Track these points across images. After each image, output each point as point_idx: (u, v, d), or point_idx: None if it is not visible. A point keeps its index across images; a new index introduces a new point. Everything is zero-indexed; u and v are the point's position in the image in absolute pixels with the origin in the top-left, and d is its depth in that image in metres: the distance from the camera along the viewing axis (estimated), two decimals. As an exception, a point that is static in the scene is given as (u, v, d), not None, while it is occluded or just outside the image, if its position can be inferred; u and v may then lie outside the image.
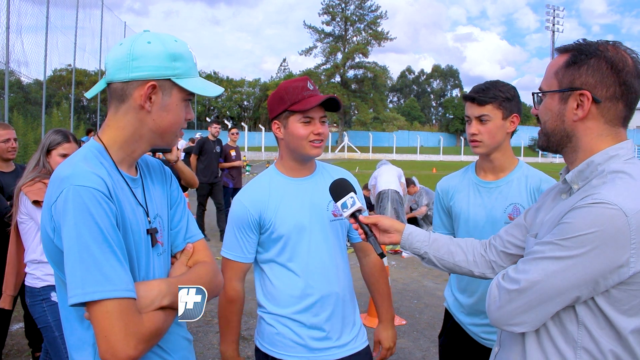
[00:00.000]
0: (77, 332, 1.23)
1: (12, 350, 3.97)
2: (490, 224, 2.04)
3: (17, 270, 2.87)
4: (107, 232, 1.13)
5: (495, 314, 1.23)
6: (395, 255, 7.47)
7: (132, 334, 1.12)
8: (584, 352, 1.16)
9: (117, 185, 1.24)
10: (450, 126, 72.74)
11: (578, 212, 1.11)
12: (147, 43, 1.25)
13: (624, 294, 1.11)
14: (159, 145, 1.34)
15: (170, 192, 1.48)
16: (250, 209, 1.82)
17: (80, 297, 1.10)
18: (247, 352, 3.99)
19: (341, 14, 61.99)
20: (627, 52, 1.21)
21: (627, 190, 1.11)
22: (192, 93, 1.30)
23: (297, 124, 1.77)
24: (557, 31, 61.73)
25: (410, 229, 1.57)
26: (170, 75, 1.25)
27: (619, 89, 1.19)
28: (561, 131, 1.26)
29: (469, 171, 2.23)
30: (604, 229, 1.07)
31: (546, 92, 1.28)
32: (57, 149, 2.78)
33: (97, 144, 1.29)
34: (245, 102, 66.12)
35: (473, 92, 2.03)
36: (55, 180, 1.18)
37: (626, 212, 1.07)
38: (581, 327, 1.17)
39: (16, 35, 13.34)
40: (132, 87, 1.24)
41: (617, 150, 1.21)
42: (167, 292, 1.24)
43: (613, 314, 1.13)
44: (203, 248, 1.47)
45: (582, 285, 1.11)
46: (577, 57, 1.22)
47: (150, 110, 1.26)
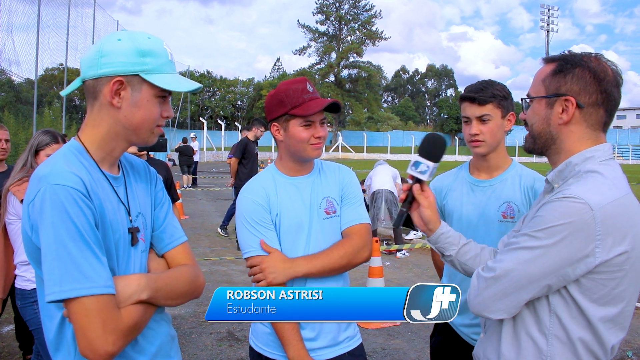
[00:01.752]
0: (56, 329, 1.23)
1: (2, 352, 3.94)
2: (483, 222, 2.05)
3: (5, 272, 2.84)
4: (83, 230, 1.14)
5: (474, 302, 1.33)
6: (390, 256, 7.48)
7: (110, 330, 1.13)
8: (555, 339, 1.27)
9: (97, 184, 1.25)
10: (444, 126, 73.00)
11: (549, 206, 1.24)
12: (117, 40, 1.26)
13: (593, 283, 1.22)
14: (136, 143, 1.34)
15: (155, 192, 1.48)
16: (262, 203, 1.81)
17: (57, 294, 1.11)
18: (240, 354, 3.97)
19: (335, 13, 61.98)
20: (607, 63, 1.33)
21: (596, 187, 1.23)
22: (165, 89, 1.29)
23: (298, 128, 1.76)
24: (551, 31, 62.16)
25: (444, 229, 1.55)
26: (139, 70, 1.25)
27: (600, 96, 1.30)
28: (547, 134, 1.37)
29: (463, 170, 2.23)
30: (571, 221, 1.18)
31: (534, 97, 1.38)
32: (45, 150, 2.76)
33: (76, 143, 1.30)
34: (238, 101, 65.99)
35: (472, 92, 2.02)
36: (34, 179, 1.19)
37: (592, 206, 1.18)
38: (552, 316, 1.27)
39: (7, 34, 13.26)
40: (102, 83, 1.26)
41: (594, 152, 1.31)
42: (145, 286, 1.25)
43: (584, 303, 1.24)
44: (186, 251, 1.47)
45: (552, 274, 1.22)
46: (564, 66, 1.33)
47: (121, 106, 1.27)
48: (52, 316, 1.23)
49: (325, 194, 1.89)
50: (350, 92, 62.21)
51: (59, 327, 1.23)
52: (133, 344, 1.28)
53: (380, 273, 4.89)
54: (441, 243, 1.56)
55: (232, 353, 4.02)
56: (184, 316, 4.78)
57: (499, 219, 2.02)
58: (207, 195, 15.32)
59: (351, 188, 1.94)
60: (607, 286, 1.22)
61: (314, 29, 63.04)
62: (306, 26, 63.04)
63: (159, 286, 1.29)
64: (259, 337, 1.87)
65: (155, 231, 1.45)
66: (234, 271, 6.48)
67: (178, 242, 1.47)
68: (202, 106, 59.18)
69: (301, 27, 63.28)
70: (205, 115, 50.88)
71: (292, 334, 1.74)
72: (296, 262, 1.75)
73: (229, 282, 6.02)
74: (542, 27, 62.65)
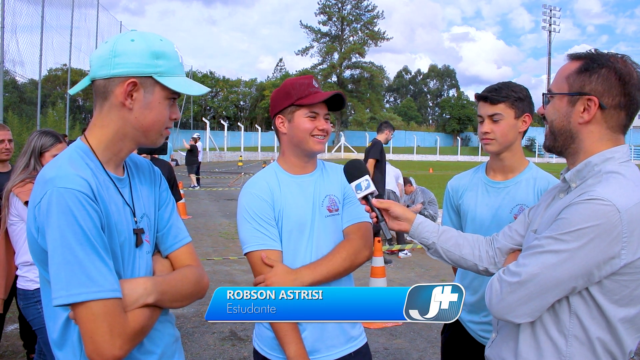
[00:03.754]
0: (61, 330, 1.23)
1: (6, 351, 3.96)
2: (496, 224, 2.05)
3: (6, 273, 2.85)
4: (90, 234, 1.14)
5: (497, 307, 1.30)
6: (392, 256, 7.47)
7: (117, 335, 1.13)
8: (574, 340, 1.26)
9: (102, 186, 1.25)
10: (447, 126, 72.89)
11: (575, 208, 1.21)
12: (130, 41, 1.25)
13: (616, 284, 1.21)
14: (144, 144, 1.34)
15: (160, 192, 1.48)
16: (267, 199, 1.81)
17: (64, 298, 1.11)
18: (243, 353, 3.98)
19: (338, 14, 62.01)
20: (633, 66, 1.31)
21: (620, 189, 1.21)
22: (176, 92, 1.30)
23: (303, 118, 1.79)
24: (553, 31, 62.01)
25: (420, 219, 1.60)
26: (152, 72, 1.25)
27: (623, 99, 1.29)
28: (566, 132, 1.35)
29: (480, 171, 2.25)
30: (599, 224, 1.17)
31: (556, 93, 1.36)
32: (50, 150, 2.77)
33: (83, 144, 1.29)
34: (241, 102, 66.03)
35: (486, 92, 2.07)
36: (40, 181, 1.19)
37: (619, 208, 1.17)
38: (573, 316, 1.26)
39: (11, 34, 13.30)
40: (114, 84, 1.24)
41: (613, 153, 1.30)
42: (152, 289, 1.25)
43: (605, 304, 1.23)
44: (190, 252, 1.47)
45: (578, 276, 1.20)
46: (590, 65, 1.31)
47: (132, 107, 1.26)
48: (56, 317, 1.23)
49: (328, 191, 1.89)
50: (353, 92, 62.17)
51: (63, 328, 1.23)
52: (139, 347, 1.28)
53: (383, 273, 4.90)
54: (421, 233, 1.58)
55: (234, 352, 4.03)
56: (187, 315, 4.80)
57: (511, 221, 2.02)
58: (210, 195, 15.35)
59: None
60: (628, 287, 1.21)
61: (317, 29, 63.13)
62: (309, 27, 63.11)
63: (164, 289, 1.29)
64: (263, 340, 1.86)
65: (160, 232, 1.45)
66: (237, 271, 6.49)
67: (182, 243, 1.46)
68: (204, 106, 59.25)
69: (304, 28, 63.38)
70: (208, 116, 50.92)
71: (291, 333, 1.73)
72: (300, 272, 1.74)
73: (231, 282, 6.03)
74: (544, 28, 62.56)
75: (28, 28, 14.54)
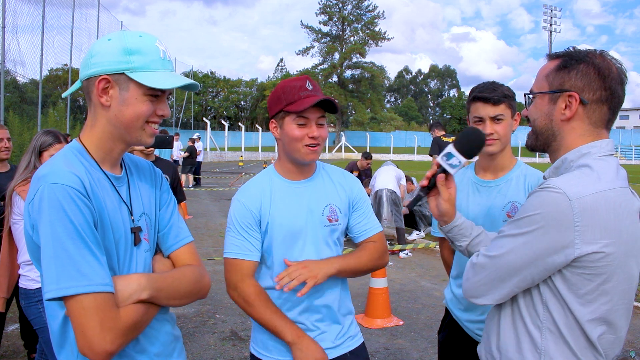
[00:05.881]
0: (59, 328, 1.24)
1: (7, 351, 3.96)
2: (489, 222, 2.05)
3: (9, 272, 2.86)
4: (81, 229, 1.15)
5: (464, 286, 1.38)
6: (393, 256, 7.47)
7: (108, 329, 1.13)
8: (548, 333, 1.28)
9: (97, 184, 1.25)
10: (447, 126, 72.82)
11: (531, 196, 1.26)
12: (107, 40, 1.27)
13: (578, 277, 1.21)
14: (130, 142, 1.33)
15: (160, 193, 1.48)
16: (252, 209, 1.79)
17: (55, 292, 1.12)
18: (244, 353, 3.98)
19: (338, 14, 61.92)
20: (612, 61, 1.31)
21: (578, 179, 1.22)
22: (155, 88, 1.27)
23: (292, 125, 1.72)
24: (554, 31, 62.01)
25: (458, 221, 1.53)
26: (124, 69, 1.25)
27: (604, 93, 1.29)
28: (548, 130, 1.36)
29: (468, 170, 2.24)
30: (548, 210, 1.20)
31: (537, 93, 1.38)
32: (49, 150, 2.78)
33: (77, 144, 1.31)
34: (242, 102, 66.04)
35: (485, 92, 2.04)
36: (34, 179, 1.21)
37: (569, 196, 1.18)
38: (545, 309, 1.28)
39: (12, 34, 13.33)
40: (91, 83, 1.27)
41: (590, 148, 1.30)
42: (146, 285, 1.25)
43: (570, 299, 1.23)
44: (191, 251, 1.47)
45: (532, 263, 1.23)
46: (568, 62, 1.32)
47: (110, 105, 1.27)
48: (55, 315, 1.24)
49: (328, 200, 1.85)
50: (353, 92, 62.18)
51: (62, 326, 1.23)
52: (134, 344, 1.28)
53: (383, 273, 4.90)
54: (454, 234, 1.54)
55: (235, 352, 4.03)
56: (188, 315, 4.80)
57: (503, 218, 2.03)
58: (210, 195, 15.35)
59: (361, 197, 1.94)
60: (592, 282, 1.21)
61: (317, 29, 63.05)
62: (309, 27, 63.04)
63: (160, 286, 1.29)
64: (258, 343, 1.88)
65: (161, 232, 1.45)
66: (237, 271, 6.48)
67: (183, 243, 1.46)
68: (205, 106, 59.28)
69: (304, 28, 63.30)
70: (209, 116, 50.88)
71: (277, 317, 1.73)
72: (330, 260, 1.79)
73: (232, 282, 6.02)
74: (545, 28, 62.58)
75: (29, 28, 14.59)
